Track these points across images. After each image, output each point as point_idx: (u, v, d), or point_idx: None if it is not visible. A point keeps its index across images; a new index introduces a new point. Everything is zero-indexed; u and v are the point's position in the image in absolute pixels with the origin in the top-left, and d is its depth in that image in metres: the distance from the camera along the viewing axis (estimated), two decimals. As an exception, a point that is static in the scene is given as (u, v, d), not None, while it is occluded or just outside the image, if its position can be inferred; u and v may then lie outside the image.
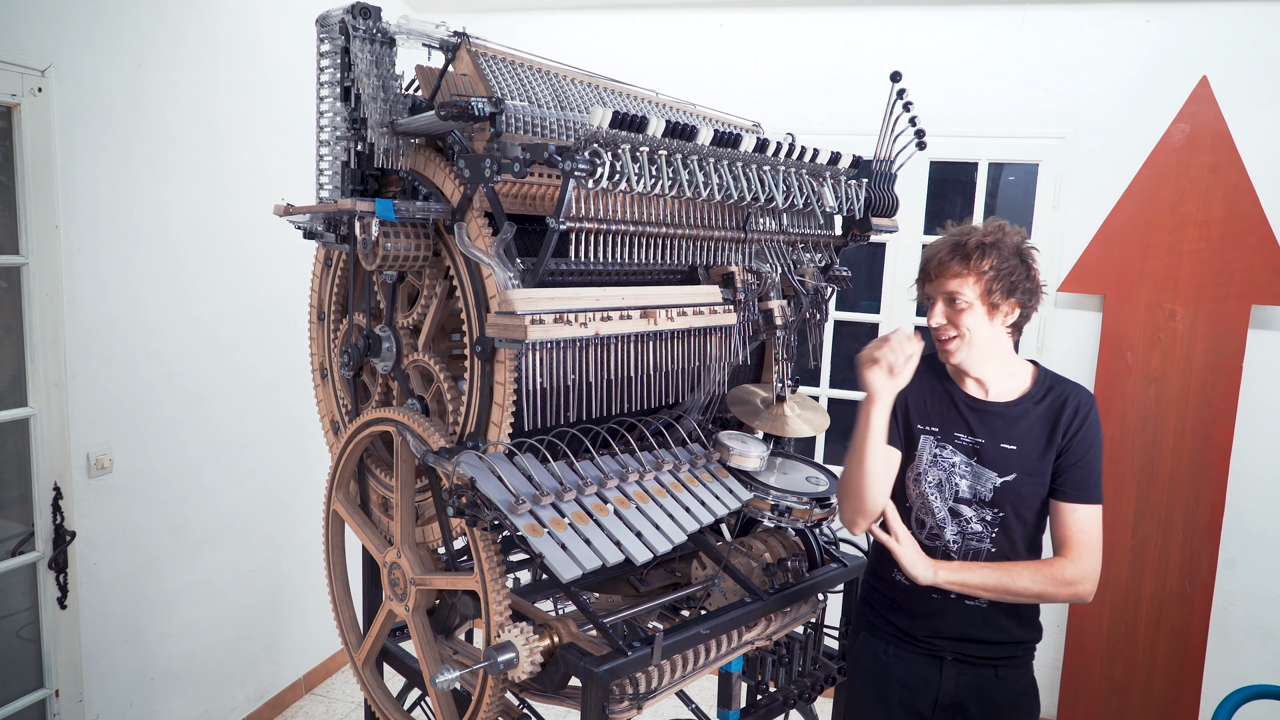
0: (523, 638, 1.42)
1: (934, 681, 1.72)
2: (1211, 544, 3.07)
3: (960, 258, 1.58)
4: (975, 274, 1.57)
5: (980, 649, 1.70)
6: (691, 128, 1.47)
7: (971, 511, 1.66)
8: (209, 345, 2.79)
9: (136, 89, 2.45)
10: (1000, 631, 1.69)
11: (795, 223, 1.85)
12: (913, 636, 1.74)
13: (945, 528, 1.68)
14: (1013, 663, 1.72)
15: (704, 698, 3.26)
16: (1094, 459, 1.61)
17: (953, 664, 1.71)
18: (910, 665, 1.74)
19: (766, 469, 1.82)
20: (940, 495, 1.67)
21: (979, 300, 1.58)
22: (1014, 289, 1.59)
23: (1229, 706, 2.09)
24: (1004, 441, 1.64)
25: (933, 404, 1.71)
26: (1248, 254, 2.96)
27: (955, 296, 1.59)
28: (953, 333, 1.61)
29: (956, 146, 3.28)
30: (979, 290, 1.58)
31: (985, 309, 1.59)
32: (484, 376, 1.48)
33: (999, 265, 1.57)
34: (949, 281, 1.60)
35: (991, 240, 1.58)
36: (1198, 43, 2.98)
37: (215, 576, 2.91)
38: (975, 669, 1.70)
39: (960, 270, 1.58)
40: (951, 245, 1.60)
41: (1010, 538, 1.66)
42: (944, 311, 1.61)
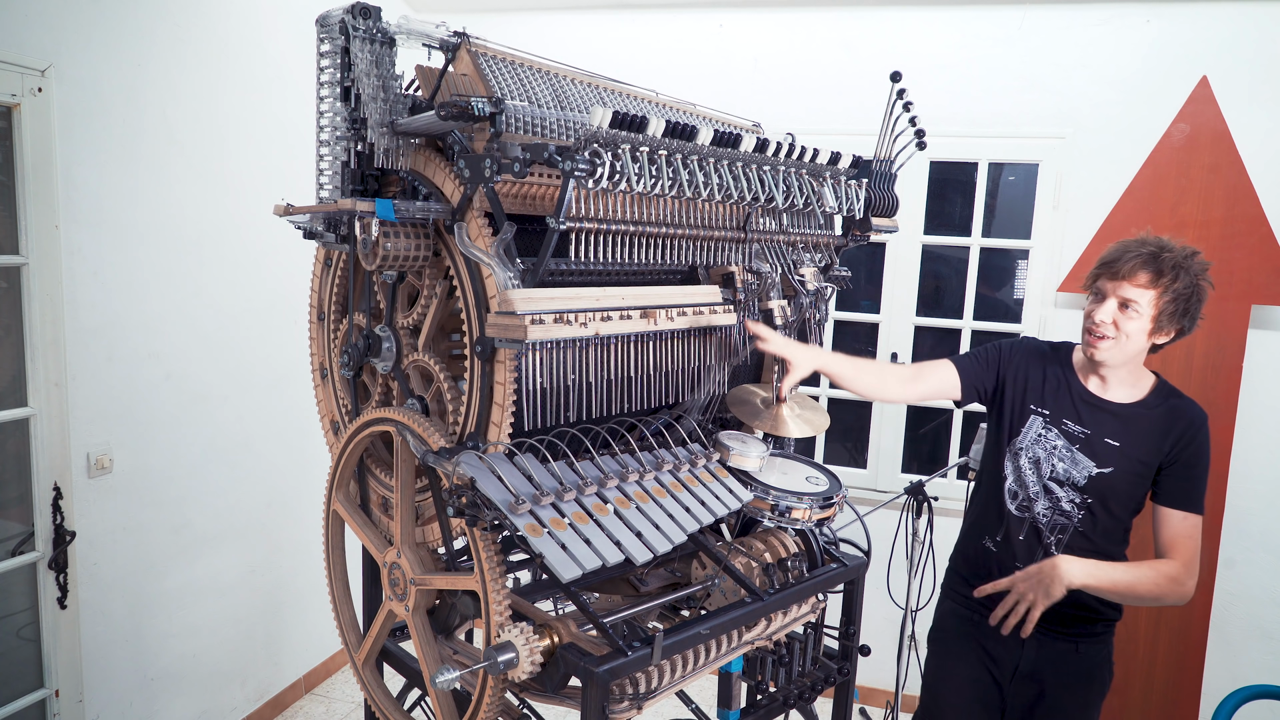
0: (523, 638, 1.42)
1: (1015, 652, 1.81)
2: (1211, 544, 3.06)
3: (1154, 271, 1.62)
4: (1159, 290, 1.63)
5: (1063, 624, 1.77)
6: (691, 128, 1.47)
7: (1063, 492, 1.75)
8: (209, 345, 2.79)
9: (136, 89, 2.45)
10: (1083, 607, 1.75)
11: (795, 223, 1.85)
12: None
13: (1036, 501, 1.78)
14: (1093, 638, 1.80)
15: (704, 698, 3.26)
16: (1201, 472, 1.70)
17: (1035, 637, 1.78)
18: (995, 635, 1.80)
19: (766, 469, 1.82)
20: (1036, 471, 1.77)
21: (1151, 316, 1.64)
22: (1184, 315, 1.65)
23: (1229, 706, 2.09)
24: (1109, 437, 1.73)
25: (1050, 388, 1.80)
26: (1248, 254, 2.96)
27: (1130, 304, 1.64)
28: (1112, 332, 1.66)
29: (956, 146, 3.28)
30: (1156, 307, 1.63)
31: (1151, 325, 1.65)
32: (484, 376, 1.48)
33: (1182, 290, 1.62)
34: (1132, 288, 1.64)
35: (1187, 265, 1.63)
36: (1198, 43, 2.98)
37: (215, 576, 2.91)
38: (1055, 642, 1.79)
39: (1149, 282, 1.63)
40: (1150, 254, 1.64)
41: (1095, 524, 1.75)
42: (1113, 311, 1.66)
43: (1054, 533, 1.77)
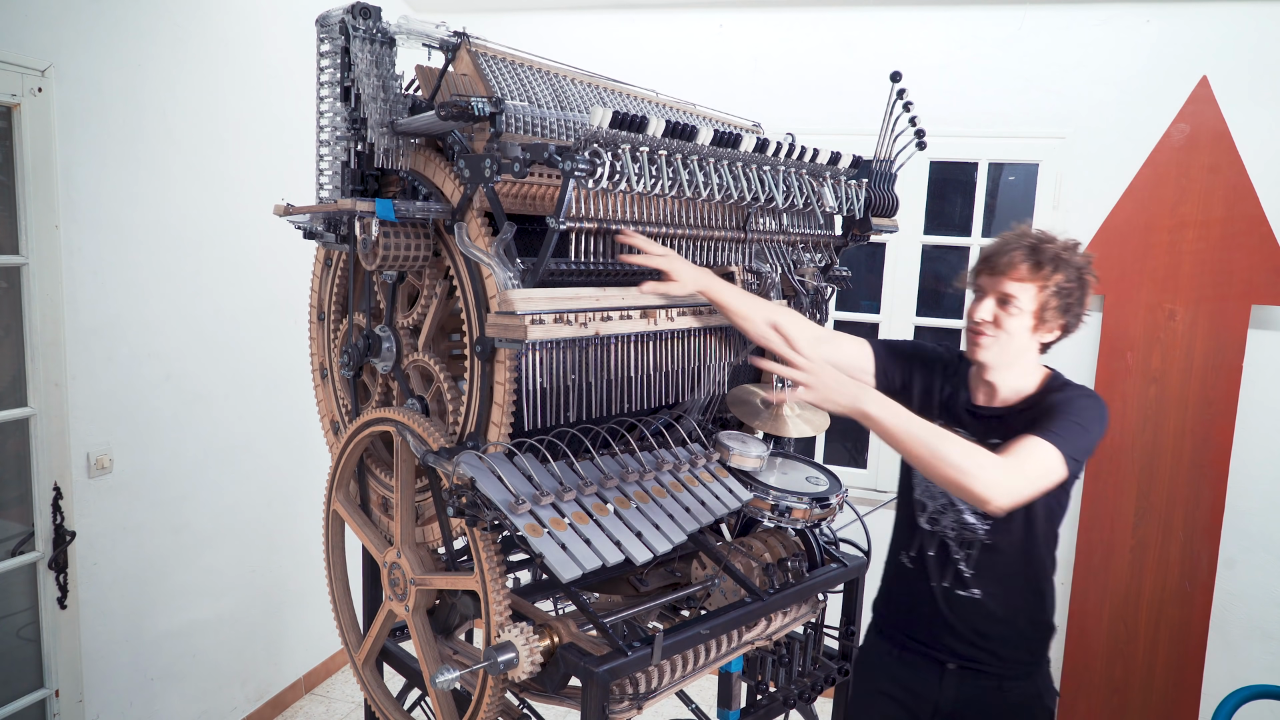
0: (523, 638, 1.42)
1: (934, 687, 1.70)
2: (1211, 544, 3.07)
3: (1032, 264, 1.55)
4: (1040, 284, 1.55)
5: (983, 656, 1.66)
6: (691, 128, 1.47)
7: (966, 505, 1.65)
8: (209, 345, 2.79)
9: (136, 89, 2.45)
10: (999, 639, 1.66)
11: (795, 223, 1.85)
12: (918, 639, 1.72)
13: (944, 515, 1.68)
14: (1018, 675, 1.67)
15: (704, 698, 3.26)
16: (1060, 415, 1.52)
17: (954, 673, 1.68)
18: (913, 668, 1.73)
19: (766, 469, 1.82)
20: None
21: (1032, 311, 1.56)
22: (1067, 310, 1.57)
23: (1229, 706, 2.09)
24: (993, 437, 1.60)
25: (943, 397, 1.72)
26: (1248, 254, 2.96)
27: (1010, 300, 1.56)
28: (992, 331, 1.58)
29: (956, 146, 3.28)
30: (1037, 302, 1.56)
31: (1034, 321, 1.57)
32: (484, 376, 1.48)
33: (1064, 284, 1.55)
34: (1010, 283, 1.56)
35: (1066, 257, 1.56)
36: (1198, 43, 2.98)
37: (215, 576, 2.91)
38: (977, 679, 1.67)
39: (1027, 276, 1.55)
40: (1028, 248, 1.56)
41: (1003, 535, 1.63)
42: (993, 309, 1.58)
43: (963, 548, 1.66)
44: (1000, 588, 1.65)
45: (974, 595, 1.66)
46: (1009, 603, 1.65)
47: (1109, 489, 3.18)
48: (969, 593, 1.66)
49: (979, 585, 1.65)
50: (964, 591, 1.66)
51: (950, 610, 1.68)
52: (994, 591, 1.65)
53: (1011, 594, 1.65)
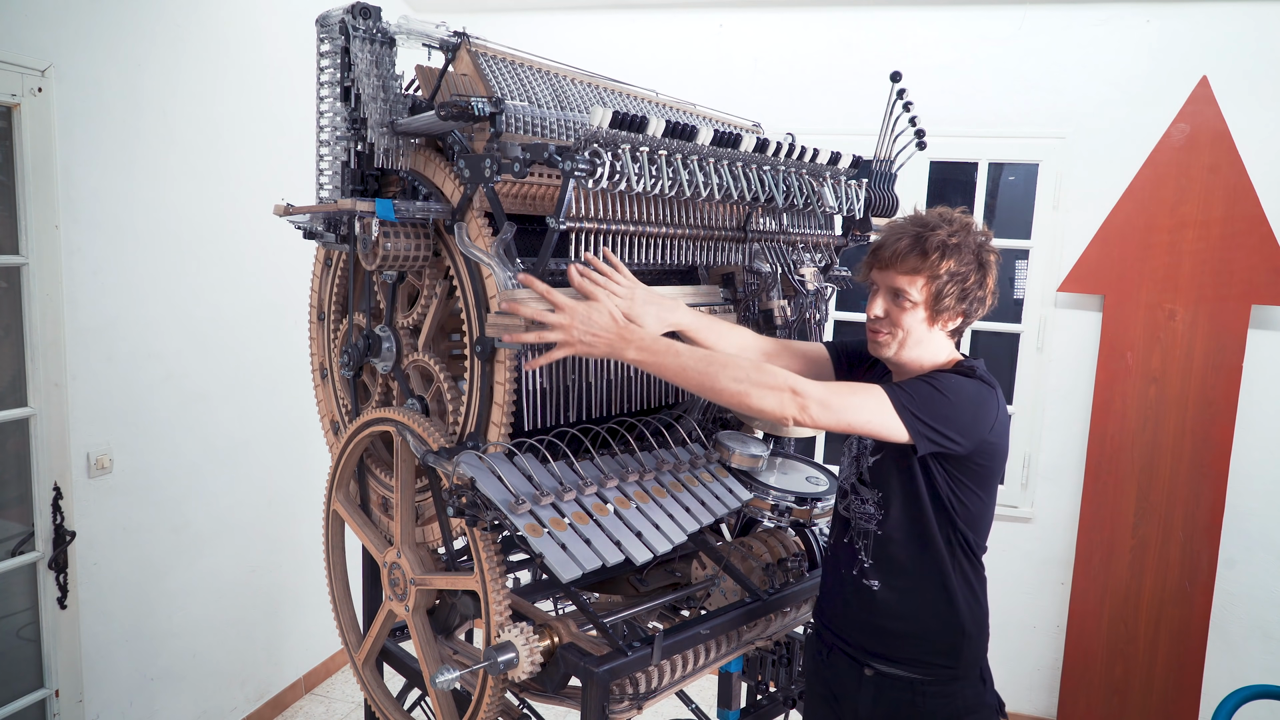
0: (523, 638, 1.42)
1: (854, 692, 1.61)
2: (1211, 544, 3.07)
3: (918, 254, 1.43)
4: (928, 275, 1.43)
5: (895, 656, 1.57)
6: (691, 128, 1.47)
7: (865, 490, 1.59)
8: (209, 345, 2.79)
9: (136, 89, 2.45)
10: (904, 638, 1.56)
11: (795, 223, 1.85)
12: (839, 635, 1.65)
13: (846, 496, 1.63)
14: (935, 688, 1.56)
15: (704, 698, 3.26)
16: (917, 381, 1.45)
17: (872, 680, 1.59)
18: (837, 670, 1.65)
19: (766, 469, 1.82)
20: (854, 467, 1.63)
21: (925, 304, 1.45)
22: (965, 297, 1.46)
23: (1229, 706, 2.09)
24: None
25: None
26: (1248, 254, 2.96)
27: (901, 294, 1.46)
28: (886, 329, 1.50)
29: (956, 146, 3.28)
30: (928, 293, 1.45)
31: (928, 314, 1.46)
32: (484, 376, 1.48)
33: (956, 270, 1.43)
34: (899, 277, 1.46)
35: (956, 241, 1.44)
36: (1198, 43, 2.98)
37: (215, 576, 2.91)
38: (893, 689, 1.58)
39: (915, 267, 1.44)
40: (913, 237, 1.45)
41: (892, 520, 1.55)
42: (885, 305, 1.49)
43: (862, 538, 1.60)
44: (897, 581, 1.57)
45: (873, 585, 1.58)
46: (908, 598, 1.57)
47: (1109, 489, 3.18)
48: (869, 582, 1.59)
49: (877, 576, 1.58)
50: (866, 581, 1.59)
51: (856, 600, 1.61)
52: (892, 584, 1.57)
53: (910, 590, 1.57)
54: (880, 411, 1.40)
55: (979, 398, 1.46)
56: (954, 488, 1.51)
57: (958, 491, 1.51)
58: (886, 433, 1.42)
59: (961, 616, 1.56)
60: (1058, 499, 3.30)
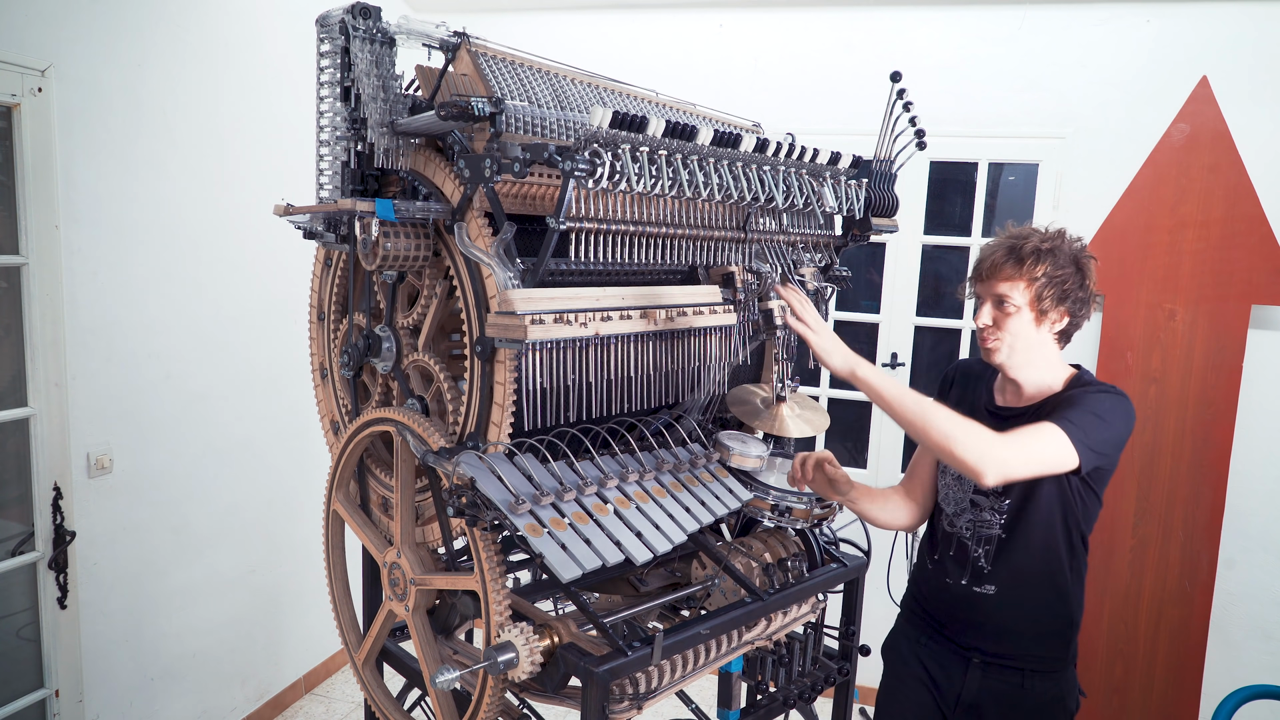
0: (523, 638, 1.42)
1: (958, 680, 1.72)
2: (1211, 544, 3.07)
3: (1014, 261, 1.57)
4: (1027, 279, 1.56)
5: (1006, 651, 1.68)
6: (691, 128, 1.47)
7: (987, 500, 1.68)
8: (209, 345, 2.79)
9: (136, 89, 2.45)
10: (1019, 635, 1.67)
11: (795, 223, 1.85)
12: (941, 628, 1.76)
13: (961, 516, 1.71)
14: (1041, 672, 1.68)
15: (704, 698, 3.26)
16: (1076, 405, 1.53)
17: (979, 666, 1.70)
18: (939, 659, 1.75)
19: (766, 469, 1.82)
20: (961, 486, 1.72)
21: (1028, 306, 1.57)
22: (1065, 297, 1.57)
23: (1229, 706, 2.09)
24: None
25: (969, 397, 1.76)
26: (1248, 254, 2.96)
27: (1004, 300, 1.58)
28: (996, 334, 1.60)
29: (956, 146, 3.28)
30: (1029, 296, 1.57)
31: (1034, 315, 1.57)
32: (484, 376, 1.48)
33: (1053, 273, 1.55)
34: (1000, 284, 1.58)
35: (1049, 246, 1.56)
36: (1198, 43, 2.98)
37: (215, 576, 2.91)
38: (1001, 674, 1.68)
39: (1013, 274, 1.57)
40: (1007, 248, 1.59)
41: (1020, 525, 1.65)
42: (991, 313, 1.61)
43: (980, 544, 1.68)
44: (1016, 584, 1.66)
45: (988, 591, 1.68)
46: (1025, 599, 1.67)
47: (1109, 489, 3.16)
48: (984, 589, 1.68)
49: (994, 581, 1.68)
50: (979, 588, 1.68)
51: (970, 606, 1.70)
52: (1009, 587, 1.66)
53: (1027, 590, 1.67)
54: (1061, 450, 1.49)
55: (1126, 414, 1.58)
56: (1083, 491, 1.62)
57: (1084, 494, 1.63)
58: (1064, 468, 1.51)
59: (1072, 608, 1.69)
60: (1058, 499, 3.30)
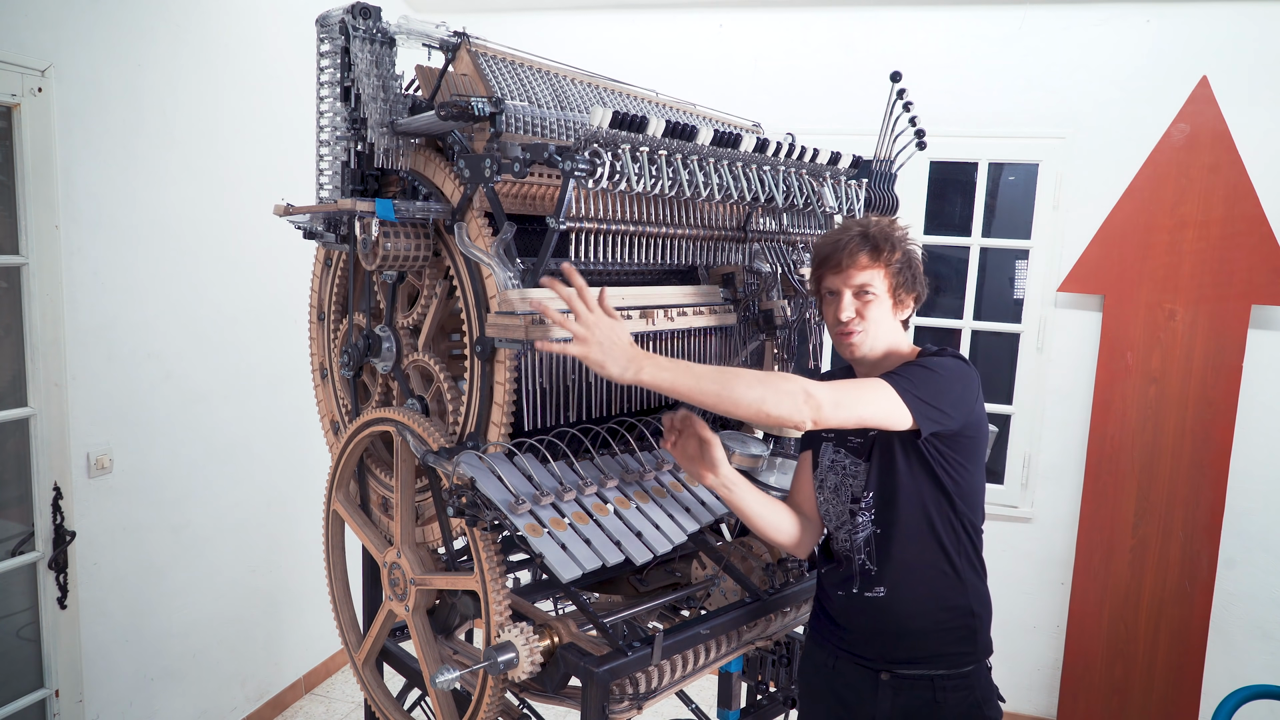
0: (523, 638, 1.42)
1: (869, 699, 1.61)
2: (1211, 544, 3.07)
3: (871, 249, 1.54)
4: (885, 266, 1.55)
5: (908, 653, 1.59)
6: (691, 128, 1.47)
7: (859, 506, 1.60)
8: (208, 345, 2.79)
9: (136, 89, 2.45)
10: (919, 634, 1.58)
11: (795, 223, 1.85)
12: (845, 646, 1.64)
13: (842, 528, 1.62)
14: (953, 682, 1.58)
15: (704, 698, 3.26)
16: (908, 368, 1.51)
17: (889, 683, 1.59)
18: (848, 679, 1.64)
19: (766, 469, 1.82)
20: (838, 498, 1.62)
21: (887, 293, 1.56)
22: (915, 281, 1.58)
23: (1229, 706, 2.09)
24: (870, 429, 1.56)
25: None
26: (1248, 254, 2.96)
27: (866, 289, 1.54)
28: (860, 326, 1.56)
29: (956, 146, 3.28)
30: (888, 283, 1.55)
31: (891, 302, 1.56)
32: (484, 376, 1.48)
33: (904, 259, 1.56)
34: (859, 273, 1.54)
35: (898, 234, 1.57)
36: (1198, 43, 2.98)
37: (215, 576, 2.91)
38: (912, 688, 1.59)
39: (870, 262, 1.54)
40: (860, 236, 1.56)
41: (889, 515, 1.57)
42: (853, 303, 1.56)
43: (863, 549, 1.60)
44: (903, 579, 1.58)
45: (879, 594, 1.59)
46: (917, 593, 1.58)
47: (1109, 489, 3.18)
48: (875, 592, 1.59)
49: (882, 582, 1.59)
50: (870, 593, 1.59)
51: (862, 616, 1.61)
52: (897, 584, 1.58)
53: (917, 584, 1.58)
54: (887, 399, 1.44)
55: (962, 371, 1.54)
56: (948, 466, 1.55)
57: (951, 469, 1.55)
58: (893, 421, 1.45)
59: (969, 598, 1.60)
60: (1058, 499, 3.30)
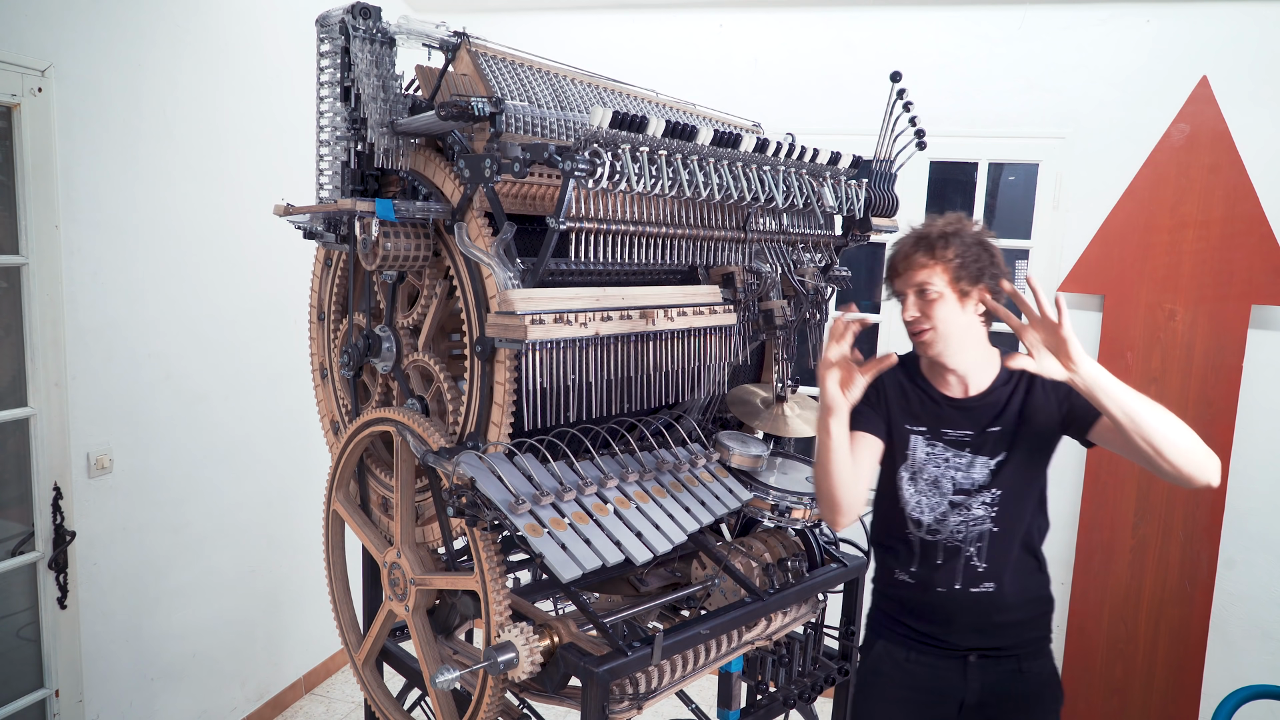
0: (523, 638, 1.42)
1: (959, 683, 1.70)
2: (1211, 544, 3.07)
3: (925, 249, 1.61)
4: (942, 263, 1.60)
5: (1002, 640, 1.69)
6: (691, 128, 1.47)
7: (972, 499, 1.65)
8: (208, 345, 2.79)
9: (136, 89, 2.45)
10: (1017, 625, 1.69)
11: (795, 223, 1.85)
12: (933, 638, 1.71)
13: (947, 519, 1.67)
14: (1033, 653, 1.72)
15: (704, 698, 3.26)
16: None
17: (976, 664, 1.69)
18: (935, 669, 1.71)
19: (766, 469, 1.82)
20: (937, 489, 1.67)
21: (949, 288, 1.60)
22: (981, 274, 1.61)
23: (1229, 706, 2.09)
24: (990, 425, 1.65)
25: (916, 404, 1.71)
26: (1248, 254, 2.96)
27: (925, 288, 1.61)
28: (927, 325, 1.62)
29: (956, 146, 3.27)
30: (947, 278, 1.60)
31: (956, 296, 1.61)
32: (484, 376, 1.48)
33: (963, 252, 1.60)
34: (917, 274, 1.61)
35: (953, 230, 1.62)
36: (1198, 43, 2.98)
37: (215, 576, 2.91)
38: (998, 664, 1.69)
39: (926, 261, 1.61)
40: (915, 239, 1.64)
41: (1011, 513, 1.65)
42: (916, 304, 1.62)
43: (971, 544, 1.66)
44: (1010, 573, 1.67)
45: (988, 589, 1.66)
46: (1019, 585, 1.67)
47: (1109, 489, 3.17)
48: (982, 588, 1.66)
49: (991, 578, 1.66)
50: (977, 588, 1.66)
51: (965, 609, 1.67)
52: (1006, 578, 1.66)
53: (1022, 578, 1.68)
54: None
55: None
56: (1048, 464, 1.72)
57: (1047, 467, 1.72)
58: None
59: (1048, 584, 1.73)
60: (1058, 499, 3.29)
